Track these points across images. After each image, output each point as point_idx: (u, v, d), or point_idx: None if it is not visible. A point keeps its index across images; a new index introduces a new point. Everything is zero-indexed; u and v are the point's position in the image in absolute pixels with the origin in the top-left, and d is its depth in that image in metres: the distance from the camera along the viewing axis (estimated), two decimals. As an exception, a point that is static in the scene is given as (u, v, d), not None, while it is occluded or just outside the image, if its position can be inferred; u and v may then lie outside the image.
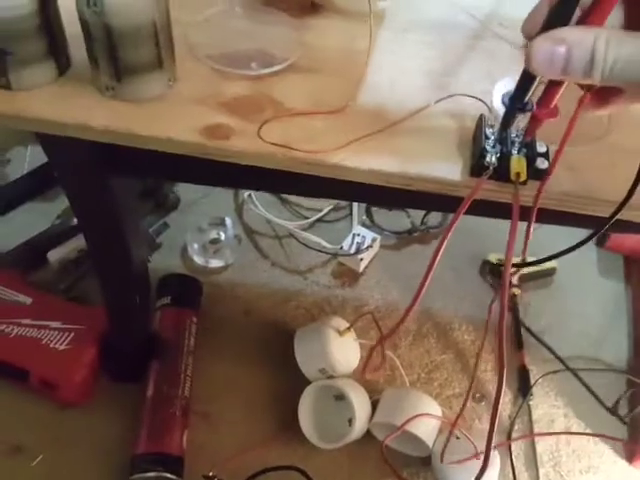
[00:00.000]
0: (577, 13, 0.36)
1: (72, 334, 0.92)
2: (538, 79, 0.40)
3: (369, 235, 1.18)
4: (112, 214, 0.67)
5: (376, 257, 1.19)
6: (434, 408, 0.91)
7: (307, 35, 0.59)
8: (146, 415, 0.88)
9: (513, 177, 0.45)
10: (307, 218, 1.23)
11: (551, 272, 1.16)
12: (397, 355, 1.04)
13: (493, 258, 1.16)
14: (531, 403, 1.00)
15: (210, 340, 1.02)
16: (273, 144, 0.49)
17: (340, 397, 0.92)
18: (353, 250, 1.16)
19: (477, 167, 0.47)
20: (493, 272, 1.16)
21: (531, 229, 0.46)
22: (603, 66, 0.33)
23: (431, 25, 0.62)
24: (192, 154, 0.49)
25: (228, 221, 1.18)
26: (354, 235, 1.18)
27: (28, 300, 0.96)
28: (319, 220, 1.24)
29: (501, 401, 0.47)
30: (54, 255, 1.03)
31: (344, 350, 0.93)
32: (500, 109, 0.46)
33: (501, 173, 0.46)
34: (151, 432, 0.86)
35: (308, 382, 0.94)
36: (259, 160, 0.49)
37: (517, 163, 0.45)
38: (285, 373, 0.98)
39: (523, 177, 0.45)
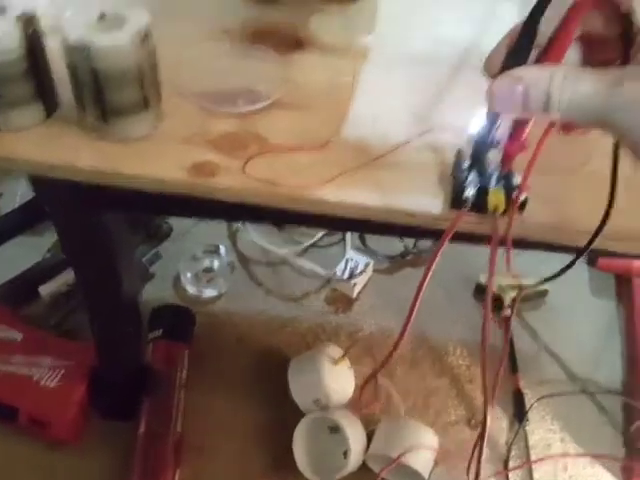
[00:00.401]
0: (535, 52, 0.37)
1: (63, 371, 0.92)
2: (501, 117, 0.41)
3: (362, 260, 1.18)
4: (102, 249, 0.68)
5: (369, 282, 1.19)
6: (430, 438, 0.90)
7: (292, 71, 0.60)
8: (138, 453, 0.87)
9: (491, 210, 0.46)
10: (301, 243, 1.23)
11: (543, 294, 1.17)
12: (392, 382, 1.04)
13: (485, 280, 1.16)
14: (527, 428, 1.00)
15: (203, 371, 1.02)
16: (258, 180, 0.49)
17: (335, 429, 0.92)
18: (346, 275, 1.16)
19: (456, 200, 0.48)
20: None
21: (510, 258, 0.47)
22: (559, 104, 0.34)
23: (413, 59, 0.63)
24: (178, 192, 0.50)
25: (222, 249, 1.18)
26: (347, 260, 1.19)
27: (19, 336, 0.96)
28: (313, 245, 1.24)
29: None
30: (45, 289, 1.03)
31: (339, 379, 0.93)
32: (469, 146, 0.47)
33: (480, 206, 0.47)
34: (143, 471, 0.85)
35: (303, 412, 0.93)
36: (244, 197, 0.50)
37: (495, 196, 0.46)
38: (280, 404, 0.97)
39: (501, 209, 0.46)
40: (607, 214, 0.40)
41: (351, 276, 1.16)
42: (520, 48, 0.37)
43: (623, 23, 0.34)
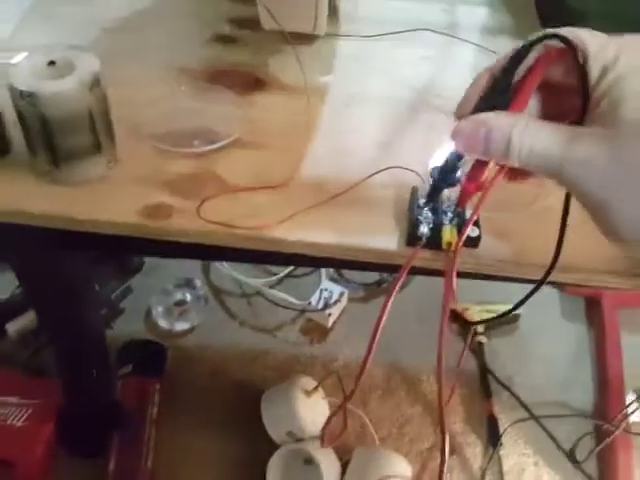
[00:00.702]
0: None
1: (30, 409, 0.91)
2: (466, 157, 0.41)
3: (337, 289, 1.18)
4: (62, 289, 0.67)
5: (344, 311, 1.19)
6: (404, 467, 0.90)
7: (251, 111, 0.61)
8: (108, 492, 0.86)
9: (445, 246, 0.47)
10: (275, 274, 1.23)
11: (515, 318, 1.18)
12: (367, 411, 1.04)
13: (458, 306, 1.17)
14: (501, 453, 1.00)
15: (175, 406, 1.00)
16: (214, 221, 0.49)
17: (309, 461, 0.91)
18: (321, 305, 1.16)
19: (411, 237, 0.48)
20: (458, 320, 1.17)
21: (455, 293, 0.47)
22: (519, 153, 0.35)
23: (371, 98, 0.64)
24: (133, 235, 0.49)
25: (195, 282, 1.17)
26: (322, 290, 1.18)
27: (-15, 376, 0.95)
28: (287, 276, 1.24)
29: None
30: (13, 326, 1.02)
31: (312, 411, 0.93)
32: (428, 182, 0.47)
33: (434, 242, 0.47)
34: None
35: (277, 445, 0.92)
36: (200, 238, 0.50)
37: (448, 233, 0.47)
38: (254, 437, 0.96)
39: (454, 246, 0.46)
40: (557, 253, 0.40)
41: (326, 306, 1.16)
42: (492, 96, 0.38)
43: (580, 77, 0.35)
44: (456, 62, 0.70)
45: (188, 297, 1.16)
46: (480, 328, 1.13)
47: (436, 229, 0.47)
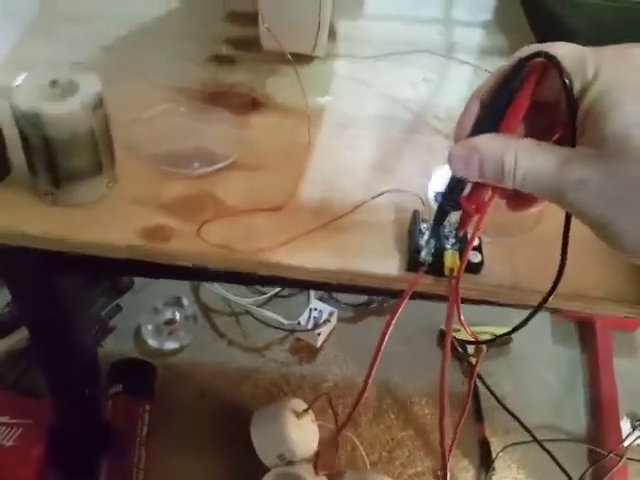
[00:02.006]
0: None
1: (20, 429, 0.89)
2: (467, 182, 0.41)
3: (326, 309, 1.18)
4: (56, 309, 0.66)
5: (334, 331, 1.19)
6: (395, 491, 0.89)
7: (249, 132, 0.60)
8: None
9: (447, 272, 0.47)
10: (264, 293, 1.22)
11: (507, 341, 1.18)
12: (358, 434, 1.03)
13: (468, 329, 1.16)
14: (494, 477, 0.99)
15: (165, 426, 0.99)
16: (213, 244, 0.49)
17: (299, 483, 0.90)
18: (310, 325, 1.15)
19: (412, 263, 0.48)
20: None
21: (463, 319, 0.47)
22: (513, 177, 0.35)
23: (369, 120, 0.64)
24: (132, 257, 0.49)
25: (184, 301, 1.16)
26: (311, 310, 1.18)
27: (-26, 395, 0.93)
28: (276, 295, 1.23)
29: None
30: (2, 345, 1.00)
31: (303, 434, 0.91)
32: (434, 205, 0.47)
33: (436, 268, 0.47)
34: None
35: (267, 467, 0.91)
36: (200, 261, 0.49)
37: (450, 258, 0.47)
38: (243, 459, 0.95)
39: (456, 272, 0.46)
40: (558, 279, 0.41)
41: (315, 326, 1.15)
42: (486, 120, 0.38)
43: (566, 95, 0.35)
44: (454, 83, 0.71)
45: (177, 316, 1.15)
46: (472, 351, 1.12)
47: (438, 254, 0.47)
